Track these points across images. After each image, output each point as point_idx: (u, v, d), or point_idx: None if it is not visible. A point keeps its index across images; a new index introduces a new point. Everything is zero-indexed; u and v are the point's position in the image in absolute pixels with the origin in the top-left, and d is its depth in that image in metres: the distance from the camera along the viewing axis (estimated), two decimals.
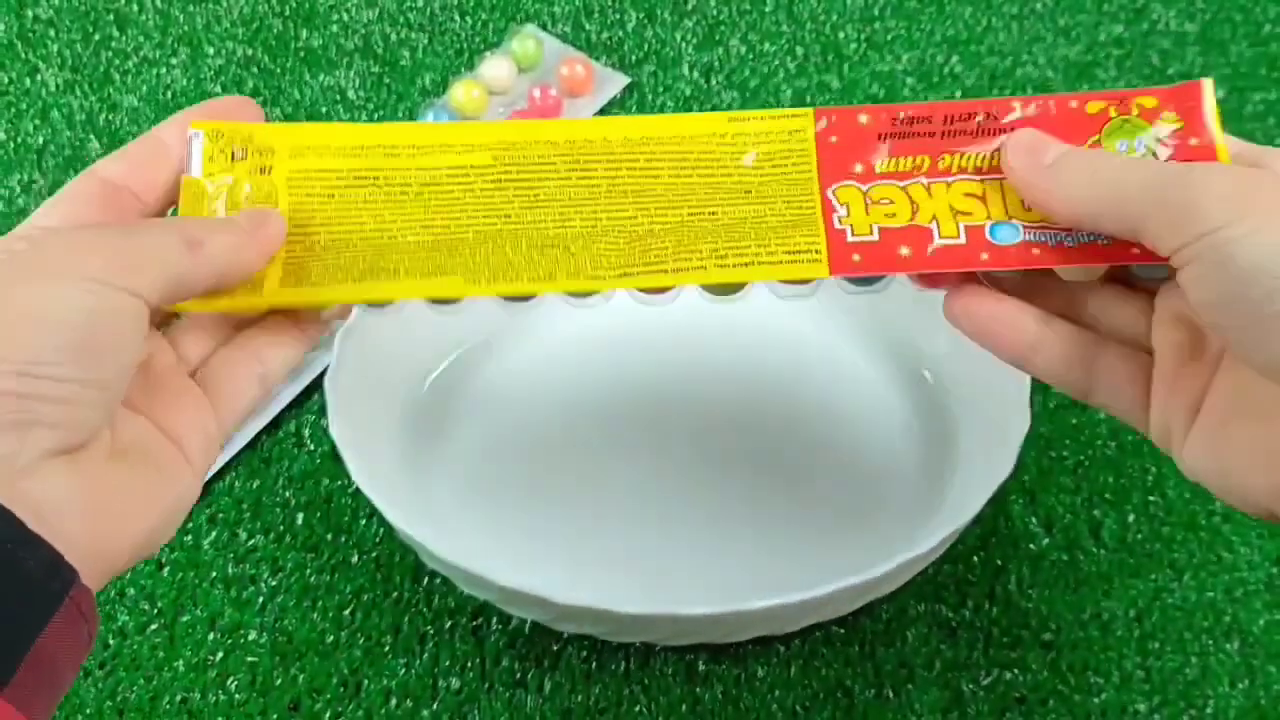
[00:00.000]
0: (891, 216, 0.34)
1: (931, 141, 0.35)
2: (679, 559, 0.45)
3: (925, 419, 0.48)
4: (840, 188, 0.34)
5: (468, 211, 0.35)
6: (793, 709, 0.43)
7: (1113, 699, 0.43)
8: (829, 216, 0.34)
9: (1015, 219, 0.33)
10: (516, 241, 0.34)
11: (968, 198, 0.34)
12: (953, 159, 0.34)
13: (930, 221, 0.34)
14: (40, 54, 0.65)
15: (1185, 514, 0.47)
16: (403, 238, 0.35)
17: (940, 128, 0.35)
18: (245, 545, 0.47)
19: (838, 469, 0.47)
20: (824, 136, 0.35)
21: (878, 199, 0.34)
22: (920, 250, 0.33)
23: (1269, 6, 0.66)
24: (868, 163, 0.35)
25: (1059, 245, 0.33)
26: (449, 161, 0.36)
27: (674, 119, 0.36)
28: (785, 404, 0.49)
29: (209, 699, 0.43)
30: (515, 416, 0.49)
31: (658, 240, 0.34)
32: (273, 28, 0.66)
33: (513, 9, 0.67)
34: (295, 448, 0.50)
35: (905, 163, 0.35)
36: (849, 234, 0.34)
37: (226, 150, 0.35)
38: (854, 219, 0.34)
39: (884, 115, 0.35)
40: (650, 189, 0.35)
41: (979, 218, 0.34)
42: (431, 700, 0.43)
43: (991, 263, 0.33)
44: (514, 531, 0.46)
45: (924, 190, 0.34)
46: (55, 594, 0.27)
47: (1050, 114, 0.35)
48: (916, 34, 0.65)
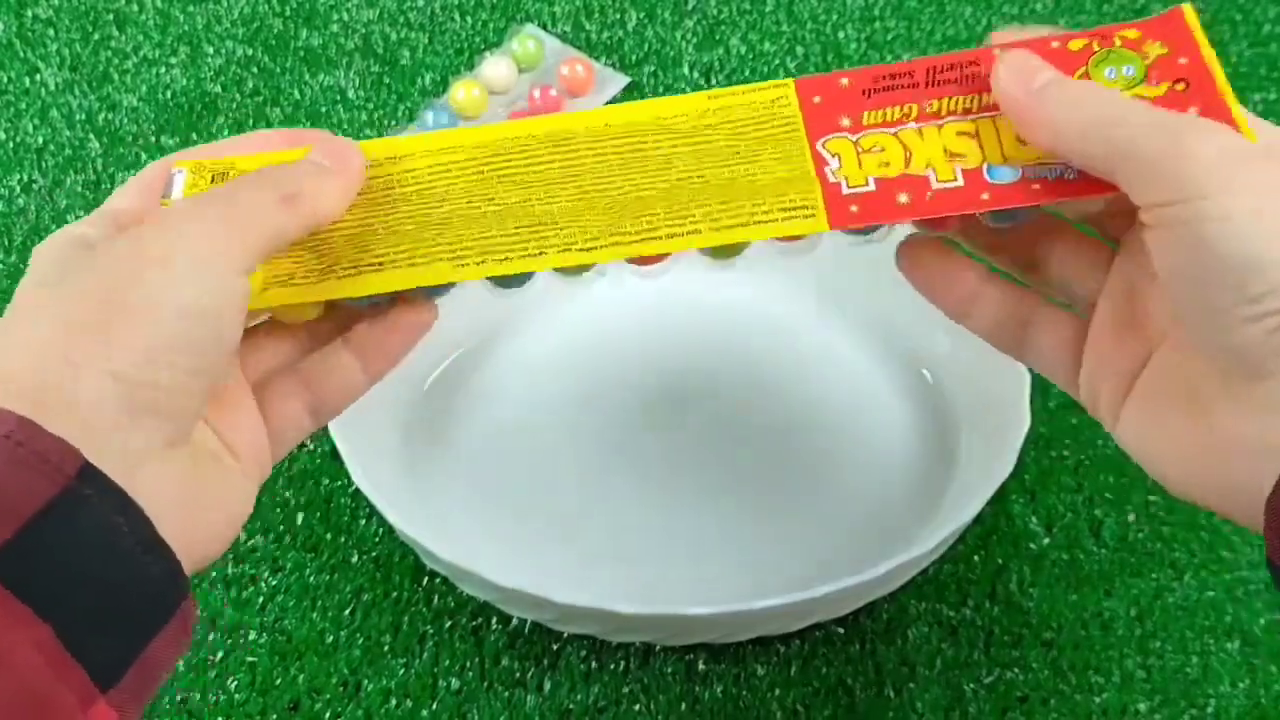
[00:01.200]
0: (885, 165, 0.33)
1: (916, 91, 0.34)
2: (679, 559, 0.45)
3: (925, 419, 0.48)
4: (830, 140, 0.34)
5: (450, 199, 0.35)
6: (793, 708, 0.43)
7: (1114, 698, 0.43)
8: (821, 170, 0.34)
9: (1010, 159, 0.33)
10: (503, 222, 0.34)
11: (961, 137, 0.33)
12: (941, 103, 0.34)
13: (925, 169, 0.33)
14: (40, 54, 0.65)
15: (1186, 513, 0.47)
16: (385, 230, 0.34)
17: (923, 79, 0.34)
18: (245, 545, 0.47)
19: (838, 469, 0.47)
20: (807, 98, 0.35)
21: (869, 147, 0.34)
22: (919, 196, 0.33)
23: (1269, 6, 0.66)
24: (855, 115, 0.34)
25: (1059, 179, 0.32)
26: (429, 161, 0.35)
27: (655, 103, 0.35)
28: (785, 404, 0.49)
29: (209, 699, 0.43)
30: (515, 417, 0.49)
31: (648, 206, 0.34)
32: (273, 28, 0.66)
33: (513, 9, 0.67)
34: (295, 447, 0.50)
35: (893, 112, 0.34)
36: (844, 186, 0.33)
37: (207, 177, 0.35)
38: (847, 170, 0.33)
39: (865, 75, 0.35)
40: (636, 160, 0.34)
41: (974, 160, 0.33)
42: (431, 700, 0.43)
43: (993, 201, 0.33)
44: (514, 531, 0.46)
45: (916, 134, 0.34)
46: (170, 604, 0.27)
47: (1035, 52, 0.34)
48: (916, 34, 0.65)
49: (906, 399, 0.49)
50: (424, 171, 0.35)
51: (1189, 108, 0.32)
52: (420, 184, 0.35)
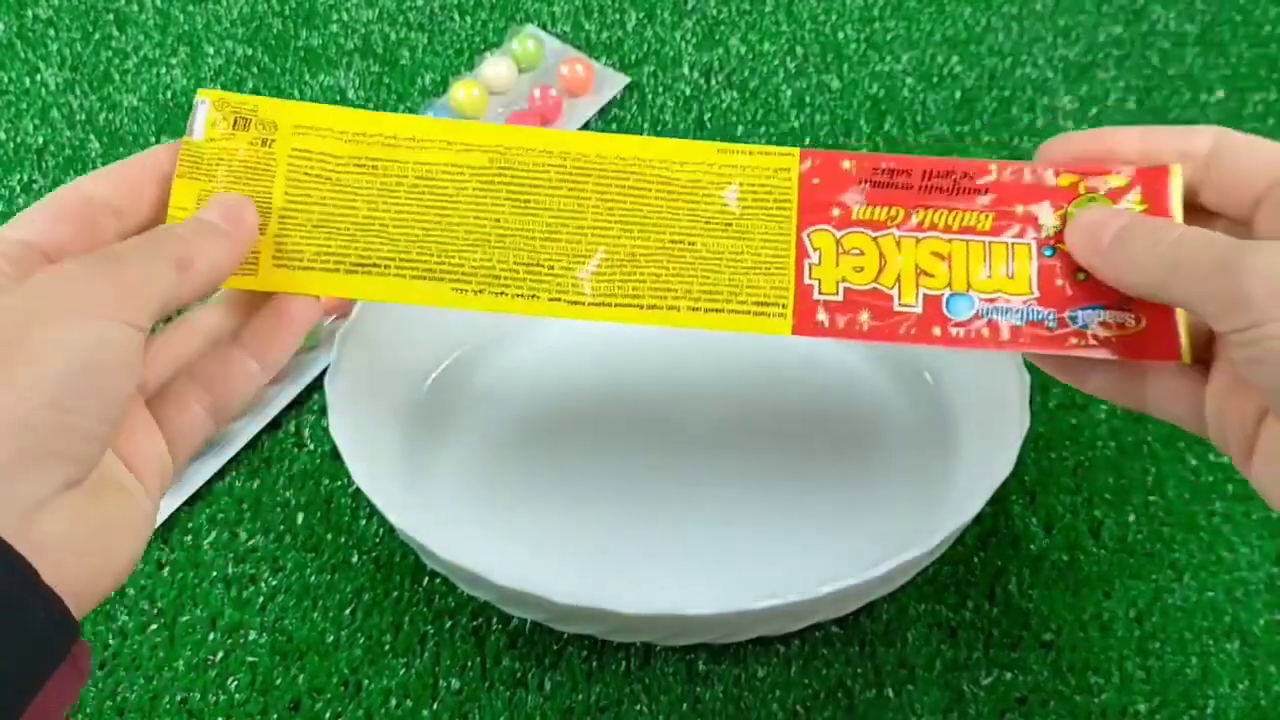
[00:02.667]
0: (859, 271, 0.36)
1: (908, 194, 0.36)
2: (679, 559, 0.45)
3: (925, 419, 0.48)
4: (816, 231, 0.36)
5: (459, 209, 0.36)
6: (793, 709, 0.43)
7: (1113, 699, 0.43)
8: (801, 264, 0.36)
9: (974, 289, 0.35)
10: (505, 253, 0.36)
11: (934, 257, 0.36)
12: (925, 214, 0.36)
13: (893, 285, 0.35)
14: (40, 54, 0.65)
15: (1185, 514, 0.47)
16: (394, 228, 0.36)
17: (918, 182, 0.36)
18: (245, 545, 0.47)
19: (838, 469, 0.47)
20: (807, 177, 0.37)
21: (849, 248, 0.36)
22: (881, 317, 0.35)
23: (1269, 7, 0.66)
24: (845, 207, 0.36)
25: (1007, 321, 0.35)
26: (446, 159, 0.36)
27: (666, 143, 0.37)
28: (785, 404, 0.49)
29: (209, 699, 0.43)
30: (515, 416, 0.49)
31: (638, 267, 0.36)
32: (273, 27, 0.66)
33: (513, 9, 0.67)
34: (295, 448, 0.50)
35: (880, 212, 0.36)
36: (817, 289, 0.35)
37: (229, 118, 0.36)
38: (824, 270, 0.36)
39: (866, 163, 0.37)
40: (636, 209, 0.36)
41: (940, 283, 0.35)
42: (431, 700, 0.43)
43: (941, 340, 0.35)
44: (514, 531, 0.46)
45: (894, 244, 0.36)
46: (59, 650, 0.27)
47: (1023, 181, 0.36)
48: (916, 34, 0.65)
49: (906, 399, 0.49)
50: (438, 169, 0.36)
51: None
52: (433, 181, 0.36)
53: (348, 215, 0.36)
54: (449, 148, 0.36)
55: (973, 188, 0.36)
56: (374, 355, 0.46)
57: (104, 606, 0.45)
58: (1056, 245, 0.35)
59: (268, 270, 0.35)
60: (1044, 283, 0.35)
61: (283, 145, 0.36)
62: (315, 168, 0.36)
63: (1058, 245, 0.35)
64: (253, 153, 0.36)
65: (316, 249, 0.35)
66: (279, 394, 0.51)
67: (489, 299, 0.35)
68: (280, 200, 0.35)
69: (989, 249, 0.36)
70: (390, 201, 0.36)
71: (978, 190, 0.36)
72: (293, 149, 0.36)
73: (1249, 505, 0.48)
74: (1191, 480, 0.48)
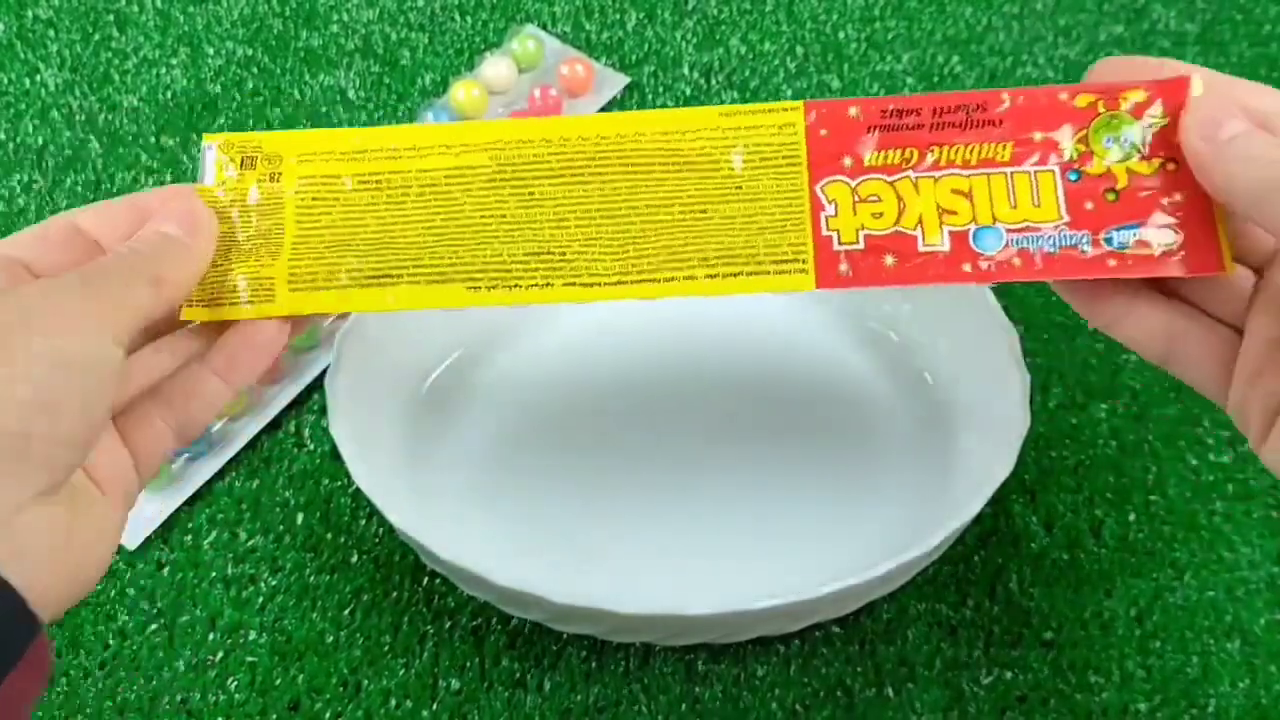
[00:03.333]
0: (879, 217, 0.35)
1: (920, 134, 0.35)
2: (679, 559, 0.45)
3: (925, 419, 0.48)
4: (829, 183, 0.35)
5: (465, 211, 0.36)
6: (793, 708, 0.43)
7: (1114, 698, 0.43)
8: (817, 217, 0.35)
9: (1000, 221, 0.34)
10: (514, 246, 0.36)
11: (954, 195, 0.35)
12: (941, 152, 0.35)
13: (915, 226, 0.34)
14: (40, 54, 0.65)
15: (1186, 513, 0.47)
16: (404, 238, 0.36)
17: (929, 119, 0.35)
18: (245, 545, 0.47)
19: (838, 469, 0.47)
20: (814, 129, 0.36)
21: (865, 195, 0.35)
22: (905, 260, 0.34)
23: (1269, 6, 0.66)
24: (857, 155, 0.35)
25: (1040, 250, 0.34)
26: (447, 163, 0.37)
27: (665, 114, 0.36)
28: (785, 404, 0.49)
29: (209, 699, 0.43)
30: (515, 416, 0.49)
31: (650, 243, 0.35)
32: (273, 28, 0.66)
33: (513, 9, 0.67)
34: (295, 448, 0.50)
35: (894, 155, 0.35)
36: (836, 240, 0.35)
37: (236, 158, 0.37)
38: (842, 220, 0.35)
39: (873, 107, 0.35)
40: (643, 186, 0.36)
41: (964, 219, 0.34)
42: (431, 700, 0.43)
43: (972, 276, 0.34)
44: (514, 531, 0.46)
45: (911, 186, 0.35)
46: (19, 646, 0.27)
47: (1039, 105, 0.35)
48: (917, 34, 0.65)
49: (906, 399, 0.49)
50: (440, 174, 0.37)
51: (1174, 192, 0.33)
52: (437, 187, 0.36)
53: (358, 233, 0.36)
54: (448, 151, 0.37)
55: (986, 119, 0.35)
56: (374, 355, 0.46)
57: (104, 606, 0.45)
58: (1081, 169, 0.34)
59: (284, 296, 0.35)
60: (1073, 207, 0.34)
61: (289, 177, 0.36)
62: (322, 192, 0.36)
63: (1082, 169, 0.34)
64: (262, 189, 0.36)
65: (330, 269, 0.36)
66: (279, 394, 0.51)
67: (503, 293, 0.35)
68: (292, 230, 0.36)
69: (1011, 180, 0.34)
70: (398, 214, 0.36)
71: (992, 121, 0.35)
72: (299, 178, 0.36)
73: (1250, 504, 0.48)
74: (1192, 479, 0.48)
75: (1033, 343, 0.52)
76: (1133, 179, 0.34)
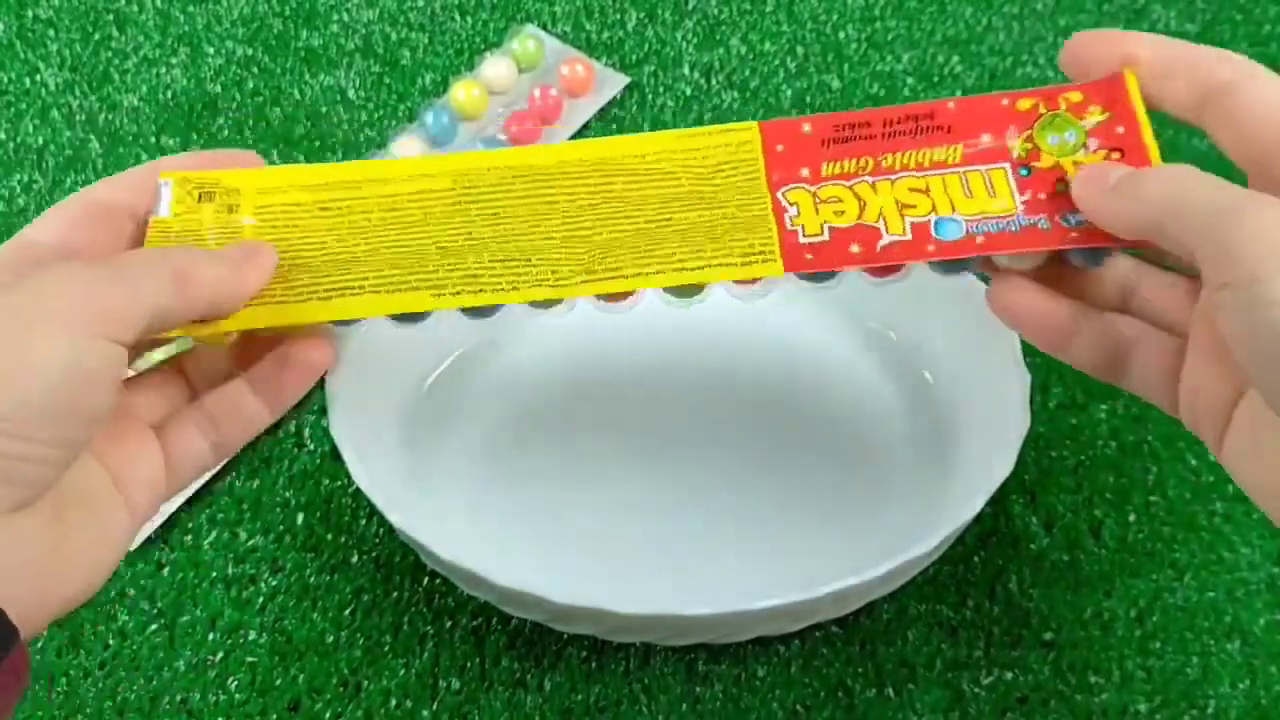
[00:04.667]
0: (840, 214, 0.35)
1: (873, 144, 0.36)
2: (679, 559, 0.45)
3: (925, 419, 0.48)
4: (790, 190, 0.36)
5: (429, 230, 0.36)
6: (793, 708, 0.43)
7: (1114, 699, 0.43)
8: (780, 217, 0.36)
9: (958, 212, 0.35)
10: (479, 254, 0.36)
11: (912, 192, 0.35)
12: (895, 158, 0.36)
13: (878, 219, 0.35)
14: (40, 54, 0.65)
15: (1186, 514, 0.47)
16: (365, 256, 0.36)
17: (880, 130, 0.36)
18: (245, 545, 0.47)
19: (837, 469, 0.47)
20: (770, 145, 0.37)
21: (826, 198, 0.36)
22: (870, 247, 0.35)
23: (1269, 6, 0.66)
24: (814, 166, 0.36)
25: (1002, 232, 0.34)
26: (409, 188, 0.37)
27: (626, 140, 0.37)
28: (784, 404, 0.49)
29: (209, 699, 0.43)
30: (515, 417, 0.49)
31: (616, 247, 0.35)
32: (273, 28, 0.66)
33: (513, 9, 0.67)
34: (295, 448, 0.50)
35: (849, 164, 0.36)
36: (800, 234, 0.35)
37: (193, 194, 0.36)
38: (804, 219, 0.35)
39: (826, 123, 0.37)
40: (606, 201, 0.36)
41: (923, 211, 0.35)
42: (431, 700, 0.43)
43: (938, 253, 0.35)
44: (514, 531, 0.46)
45: (869, 188, 0.36)
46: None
47: (984, 111, 0.36)
48: (917, 34, 0.65)
49: (906, 399, 0.49)
50: (404, 198, 0.37)
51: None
52: (400, 210, 0.36)
53: (317, 253, 0.36)
54: (411, 179, 0.37)
55: (934, 125, 0.36)
56: (374, 355, 0.46)
57: (104, 606, 0.45)
58: (1030, 165, 0.35)
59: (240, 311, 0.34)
60: (1027, 198, 0.35)
61: (247, 207, 0.36)
62: (281, 219, 0.36)
63: (1031, 165, 0.35)
64: (219, 219, 0.36)
65: (286, 286, 0.35)
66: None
67: (468, 298, 0.35)
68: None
69: (965, 178, 0.35)
70: (359, 235, 0.36)
71: (940, 127, 0.36)
72: (258, 207, 0.36)
73: (1249, 505, 0.48)
74: (1192, 480, 0.48)
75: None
76: (1080, 172, 0.35)
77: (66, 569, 0.30)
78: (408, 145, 0.58)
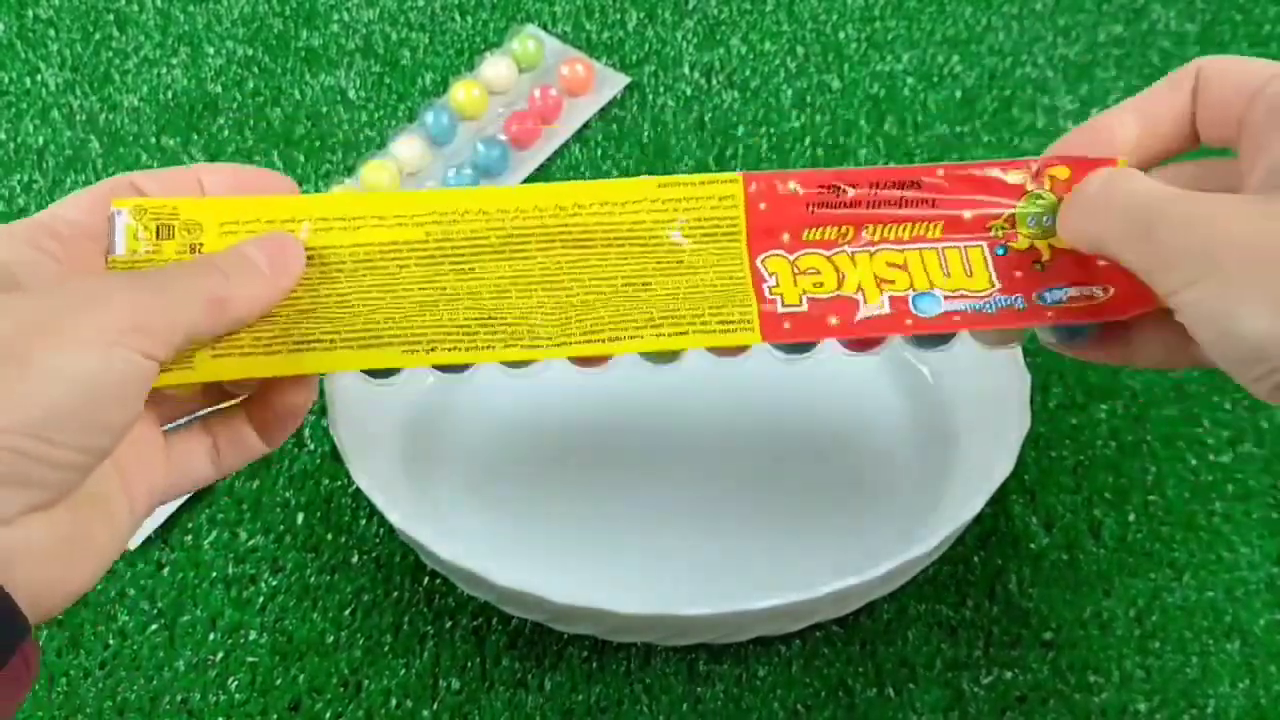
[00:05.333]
0: (819, 286, 0.35)
1: (855, 212, 0.36)
2: (679, 559, 0.45)
3: (925, 419, 0.48)
4: (769, 257, 0.36)
5: (402, 284, 0.35)
6: (794, 708, 0.43)
7: (1113, 698, 0.43)
8: (759, 286, 0.35)
9: (936, 288, 0.35)
10: (454, 313, 0.35)
11: (890, 267, 0.35)
12: (876, 230, 0.36)
13: (856, 291, 0.35)
14: (40, 54, 0.65)
15: (1185, 514, 0.47)
16: (337, 309, 0.34)
17: (866, 196, 0.36)
18: (245, 545, 0.47)
19: (837, 469, 0.47)
20: (753, 202, 0.36)
21: (805, 269, 0.35)
22: (847, 319, 0.35)
23: (1269, 6, 0.66)
24: (795, 231, 0.36)
25: (978, 312, 0.35)
26: (381, 237, 0.35)
27: (602, 185, 0.36)
28: (784, 404, 0.49)
29: (209, 699, 0.43)
30: (515, 416, 0.49)
31: (593, 311, 0.35)
32: (273, 27, 0.66)
33: (513, 9, 0.67)
34: (295, 448, 0.50)
35: (830, 232, 0.36)
36: (779, 304, 0.35)
37: (150, 227, 0.34)
38: (783, 289, 0.35)
39: (811, 182, 0.36)
40: (584, 261, 0.35)
41: (902, 286, 0.35)
42: (431, 700, 0.43)
43: (915, 328, 0.35)
44: (514, 531, 0.46)
45: (848, 259, 0.36)
46: (6, 646, 0.27)
47: (968, 184, 0.36)
48: (917, 33, 0.65)
49: (906, 399, 0.49)
50: (375, 250, 0.35)
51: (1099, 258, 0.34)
52: (372, 262, 0.35)
53: (288, 305, 0.34)
54: (382, 224, 0.35)
55: (918, 198, 0.36)
56: None
57: (104, 606, 0.45)
58: (1008, 245, 0.35)
59: (204, 361, 0.33)
60: (1004, 277, 0.35)
61: (211, 246, 0.34)
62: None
63: (1009, 245, 0.35)
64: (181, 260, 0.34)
65: (255, 336, 0.33)
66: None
67: (441, 355, 0.34)
68: None
69: (943, 255, 0.36)
70: (331, 288, 0.34)
71: (924, 200, 0.36)
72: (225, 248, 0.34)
73: (1249, 505, 0.48)
74: (1191, 480, 0.48)
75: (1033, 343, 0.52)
76: (1055, 253, 0.35)
77: (75, 564, 0.30)
78: (408, 145, 0.58)
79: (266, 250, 0.33)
